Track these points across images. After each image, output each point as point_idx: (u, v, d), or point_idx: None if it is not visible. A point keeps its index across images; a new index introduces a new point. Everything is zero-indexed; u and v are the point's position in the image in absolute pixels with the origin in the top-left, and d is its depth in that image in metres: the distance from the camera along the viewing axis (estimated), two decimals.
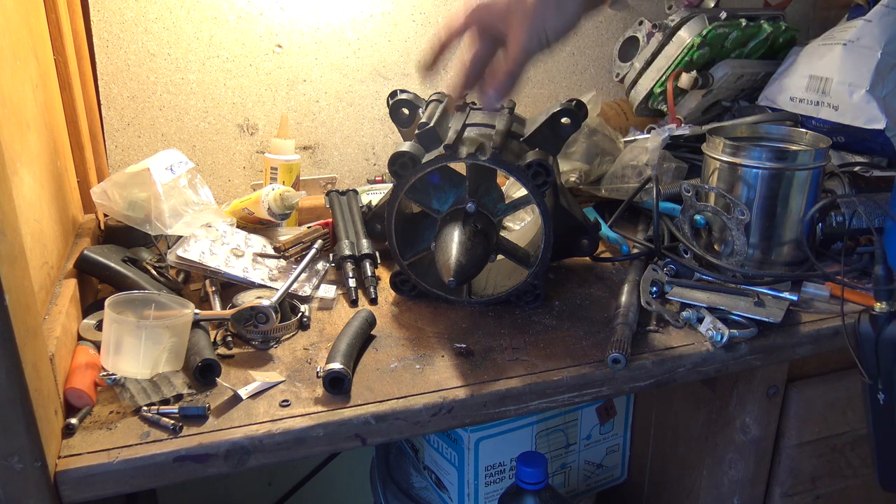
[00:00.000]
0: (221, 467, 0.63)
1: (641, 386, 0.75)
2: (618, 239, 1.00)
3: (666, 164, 1.06)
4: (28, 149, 0.73)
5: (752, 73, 1.21)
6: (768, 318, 0.78)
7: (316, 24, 1.16)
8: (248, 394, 0.68)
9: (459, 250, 0.78)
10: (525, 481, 0.90)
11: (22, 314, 0.54)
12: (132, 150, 1.13)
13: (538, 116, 0.89)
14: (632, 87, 1.25)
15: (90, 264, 0.82)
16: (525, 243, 0.92)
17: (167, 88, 1.12)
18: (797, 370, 0.88)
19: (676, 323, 0.80)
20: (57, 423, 0.61)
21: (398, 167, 0.82)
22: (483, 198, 0.86)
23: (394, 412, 0.67)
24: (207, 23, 1.10)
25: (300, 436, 0.64)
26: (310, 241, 0.94)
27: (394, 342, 0.79)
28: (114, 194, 0.88)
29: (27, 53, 0.78)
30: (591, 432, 1.12)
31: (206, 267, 0.86)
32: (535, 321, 0.83)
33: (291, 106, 1.19)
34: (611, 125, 1.20)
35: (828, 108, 1.07)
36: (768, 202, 0.86)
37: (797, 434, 0.90)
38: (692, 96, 1.20)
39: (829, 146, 0.87)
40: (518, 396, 0.71)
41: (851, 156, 1.13)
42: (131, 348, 0.67)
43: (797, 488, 0.93)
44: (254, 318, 0.76)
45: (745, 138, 0.95)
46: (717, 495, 0.93)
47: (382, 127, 1.25)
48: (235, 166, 1.19)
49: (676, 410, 1.02)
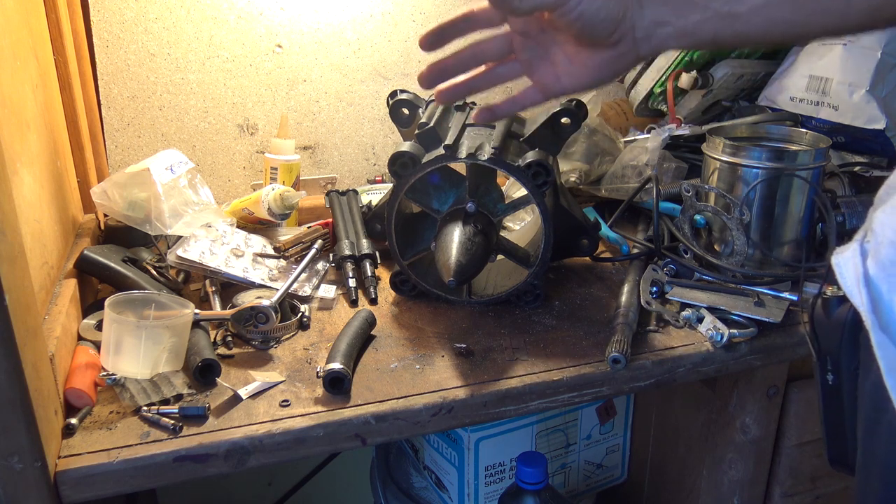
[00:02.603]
0: (221, 467, 0.63)
1: (641, 386, 0.75)
2: (618, 239, 1.00)
3: (666, 164, 1.06)
4: (28, 149, 0.73)
5: (752, 73, 1.21)
6: (768, 318, 0.78)
7: (316, 24, 1.16)
8: (248, 394, 0.68)
9: (459, 250, 0.78)
10: (525, 481, 0.90)
11: (22, 314, 0.54)
12: (132, 150, 1.13)
13: (538, 116, 0.89)
14: (632, 87, 1.25)
15: (90, 264, 0.82)
16: (525, 243, 0.92)
17: (167, 88, 1.12)
18: (797, 370, 0.88)
19: (676, 323, 0.80)
20: (57, 423, 0.61)
21: (398, 167, 0.82)
22: (483, 198, 0.86)
23: (394, 412, 0.67)
24: (207, 23, 1.10)
25: (300, 436, 0.64)
26: (310, 241, 0.94)
27: (394, 342, 0.79)
28: (114, 194, 0.88)
29: (27, 53, 0.78)
30: (591, 432, 1.12)
31: (206, 267, 0.86)
32: (535, 321, 0.83)
33: (291, 106, 1.19)
34: (611, 125, 1.20)
35: (828, 108, 1.07)
36: (768, 202, 0.86)
37: (797, 434, 0.90)
38: (692, 96, 1.20)
39: (829, 146, 0.87)
40: (518, 396, 0.71)
41: (851, 156, 1.13)
42: (131, 348, 0.67)
43: (797, 488, 0.93)
44: (254, 318, 0.76)
45: (745, 138, 0.95)
46: (717, 495, 0.93)
47: (382, 127, 1.25)
48: (235, 166, 1.19)
49: (676, 410, 1.02)
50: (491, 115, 0.72)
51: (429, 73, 0.68)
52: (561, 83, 0.66)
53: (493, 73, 0.69)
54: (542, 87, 0.68)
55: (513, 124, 0.89)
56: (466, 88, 0.69)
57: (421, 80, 0.68)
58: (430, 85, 0.69)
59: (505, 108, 0.71)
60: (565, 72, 0.66)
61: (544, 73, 0.67)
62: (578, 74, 0.65)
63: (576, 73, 0.65)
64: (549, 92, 0.68)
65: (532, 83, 0.68)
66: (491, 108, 0.71)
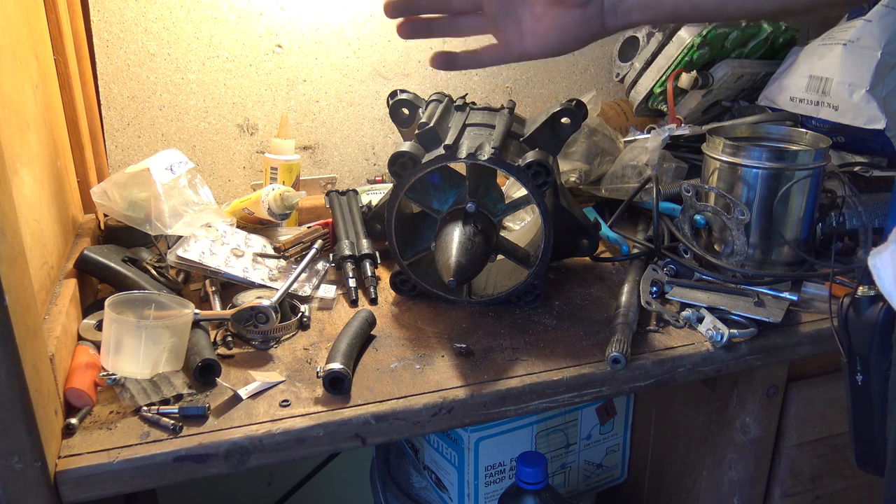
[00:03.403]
0: (221, 467, 0.63)
1: (641, 386, 0.75)
2: (618, 239, 1.00)
3: (666, 164, 1.06)
4: (28, 149, 0.73)
5: (752, 73, 1.21)
6: (768, 318, 0.78)
7: (316, 24, 1.16)
8: (248, 394, 0.68)
9: (459, 250, 0.78)
10: (525, 481, 0.90)
11: (22, 314, 0.54)
12: (132, 150, 1.13)
13: (538, 116, 0.89)
14: (632, 87, 1.25)
15: (90, 264, 0.82)
16: (525, 243, 0.92)
17: (167, 88, 1.12)
18: (797, 370, 0.88)
19: (676, 323, 0.80)
20: (57, 423, 0.61)
21: (398, 167, 0.82)
22: (483, 198, 0.86)
23: (394, 412, 0.67)
24: (207, 23, 1.10)
25: (300, 436, 0.64)
26: (310, 241, 0.94)
27: (394, 342, 0.79)
28: (114, 194, 0.88)
29: (27, 53, 0.78)
30: (591, 432, 1.12)
31: (206, 267, 0.86)
32: (535, 321, 0.83)
33: (291, 106, 1.19)
34: (611, 125, 1.20)
35: (828, 108, 1.07)
36: (768, 202, 0.86)
37: (797, 434, 0.90)
38: (692, 96, 1.20)
39: (829, 146, 0.87)
40: (518, 396, 0.71)
41: (851, 156, 1.13)
42: (131, 348, 0.67)
43: (797, 488, 0.93)
44: (254, 318, 0.76)
45: (745, 138, 0.95)
46: (717, 495, 0.93)
47: (382, 127, 1.25)
48: (235, 166, 1.19)
49: (676, 410, 1.02)
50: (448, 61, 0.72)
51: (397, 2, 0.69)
52: (524, 43, 0.67)
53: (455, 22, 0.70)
54: (505, 45, 0.68)
55: (513, 124, 0.89)
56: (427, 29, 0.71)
57: (386, 7, 0.69)
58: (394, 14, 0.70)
59: (463, 60, 0.72)
60: (531, 31, 0.66)
61: (509, 32, 0.67)
62: (543, 35, 0.66)
63: (541, 33, 0.66)
64: (511, 51, 0.69)
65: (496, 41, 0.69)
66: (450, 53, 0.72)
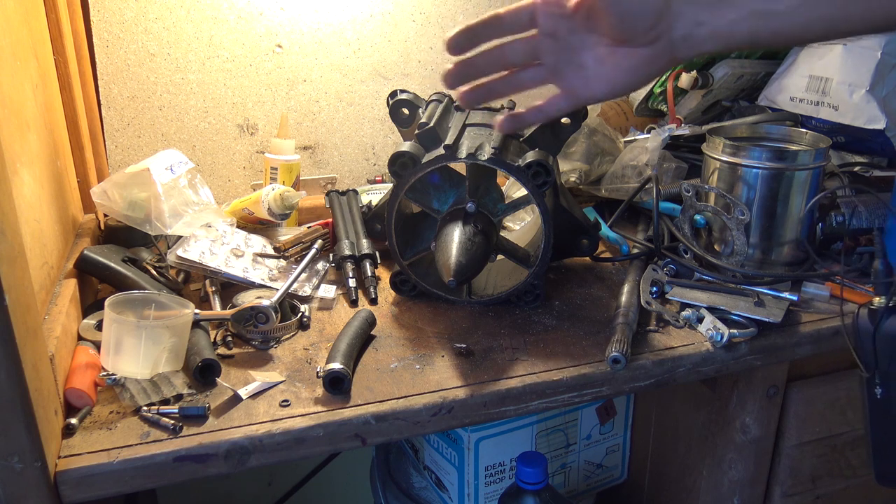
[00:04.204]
0: (221, 467, 0.62)
1: (641, 386, 0.75)
2: (618, 239, 1.00)
3: (666, 164, 1.06)
4: (28, 149, 0.73)
5: (752, 73, 1.21)
6: (768, 318, 0.78)
7: (316, 24, 1.16)
8: (248, 394, 0.68)
9: (459, 250, 0.78)
10: (525, 481, 0.90)
11: (22, 314, 0.54)
12: (132, 150, 1.13)
13: None
14: None
15: (90, 264, 0.82)
16: (525, 243, 0.92)
17: (167, 88, 1.12)
18: (797, 370, 0.88)
19: (676, 323, 0.80)
20: (57, 423, 0.61)
21: (398, 167, 0.82)
22: (483, 198, 0.86)
23: (394, 412, 0.67)
24: (207, 23, 1.10)
25: (300, 436, 0.64)
26: (310, 241, 0.94)
27: (394, 342, 0.79)
28: (114, 194, 0.88)
29: (27, 53, 0.78)
30: (591, 432, 1.12)
31: (206, 267, 0.86)
32: (535, 321, 0.83)
33: (291, 106, 1.19)
34: (611, 125, 1.20)
35: (828, 108, 1.07)
36: (768, 202, 0.86)
37: (797, 434, 0.90)
38: (692, 96, 1.20)
39: (829, 146, 0.87)
40: (518, 396, 0.71)
41: (851, 156, 1.13)
42: (131, 348, 0.67)
43: (797, 488, 0.93)
44: (254, 318, 0.76)
45: (745, 138, 0.95)
46: (717, 495, 0.93)
47: (382, 127, 1.25)
48: (235, 166, 1.19)
49: (676, 410, 1.02)
50: (516, 123, 0.69)
51: (456, 72, 0.65)
52: (590, 88, 0.63)
53: (515, 78, 0.66)
54: (569, 92, 0.65)
55: None
56: (488, 92, 0.67)
57: (446, 78, 0.66)
58: (454, 84, 0.66)
59: (530, 116, 0.68)
60: (595, 75, 0.62)
61: (573, 78, 0.64)
62: (610, 78, 0.62)
63: (607, 76, 0.62)
64: (577, 98, 0.65)
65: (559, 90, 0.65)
66: (517, 115, 0.68)
